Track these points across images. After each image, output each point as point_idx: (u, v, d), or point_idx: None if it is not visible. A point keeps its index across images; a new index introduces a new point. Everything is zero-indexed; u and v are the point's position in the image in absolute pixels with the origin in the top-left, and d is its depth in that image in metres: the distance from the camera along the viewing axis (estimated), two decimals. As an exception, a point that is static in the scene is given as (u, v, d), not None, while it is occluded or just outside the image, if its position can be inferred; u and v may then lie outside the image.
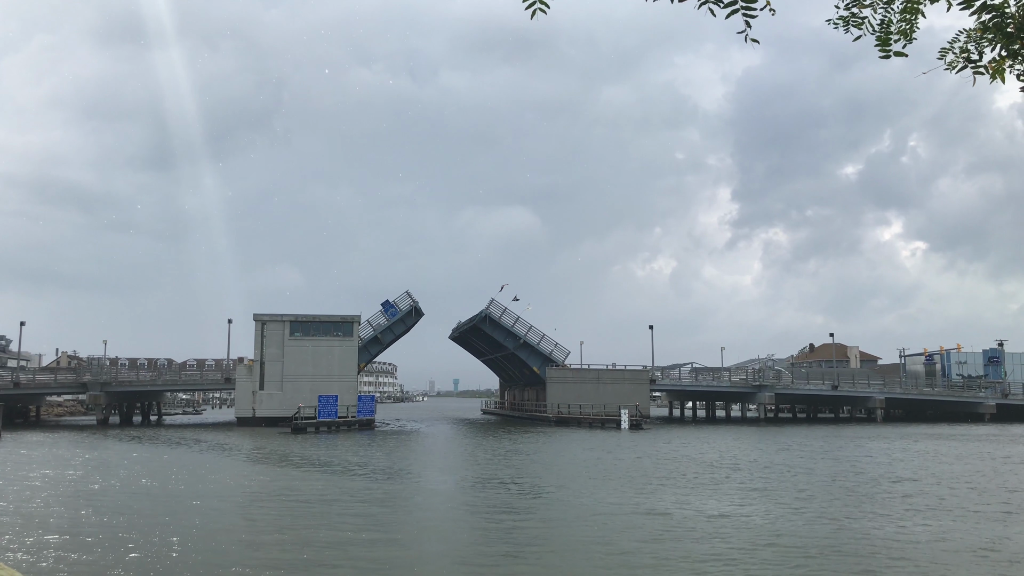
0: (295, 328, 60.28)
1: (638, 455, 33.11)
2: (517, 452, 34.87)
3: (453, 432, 54.58)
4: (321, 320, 60.81)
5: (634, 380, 66.41)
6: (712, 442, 42.63)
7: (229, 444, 40.65)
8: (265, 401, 58.66)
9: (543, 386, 67.64)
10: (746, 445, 40.23)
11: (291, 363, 59.28)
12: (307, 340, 60.05)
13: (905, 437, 47.29)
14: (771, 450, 36.69)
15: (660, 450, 36.40)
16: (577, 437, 46.49)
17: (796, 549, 13.58)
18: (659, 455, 33.36)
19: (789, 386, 72.90)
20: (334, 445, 39.34)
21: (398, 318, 64.63)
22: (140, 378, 69.09)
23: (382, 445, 39.48)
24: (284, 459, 31.73)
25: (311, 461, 30.51)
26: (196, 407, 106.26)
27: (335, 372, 59.49)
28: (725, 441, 43.49)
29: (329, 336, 60.52)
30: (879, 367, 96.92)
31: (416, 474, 25.72)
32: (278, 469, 27.70)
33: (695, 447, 38.54)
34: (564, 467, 28.11)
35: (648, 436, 48.01)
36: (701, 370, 76.49)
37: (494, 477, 24.58)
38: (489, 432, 53.84)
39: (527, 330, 68.22)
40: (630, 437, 46.91)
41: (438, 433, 52.93)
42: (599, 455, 33.17)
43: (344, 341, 60.53)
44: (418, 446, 40.31)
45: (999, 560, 12.91)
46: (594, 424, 58.96)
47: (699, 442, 42.53)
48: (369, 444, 39.55)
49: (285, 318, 60.22)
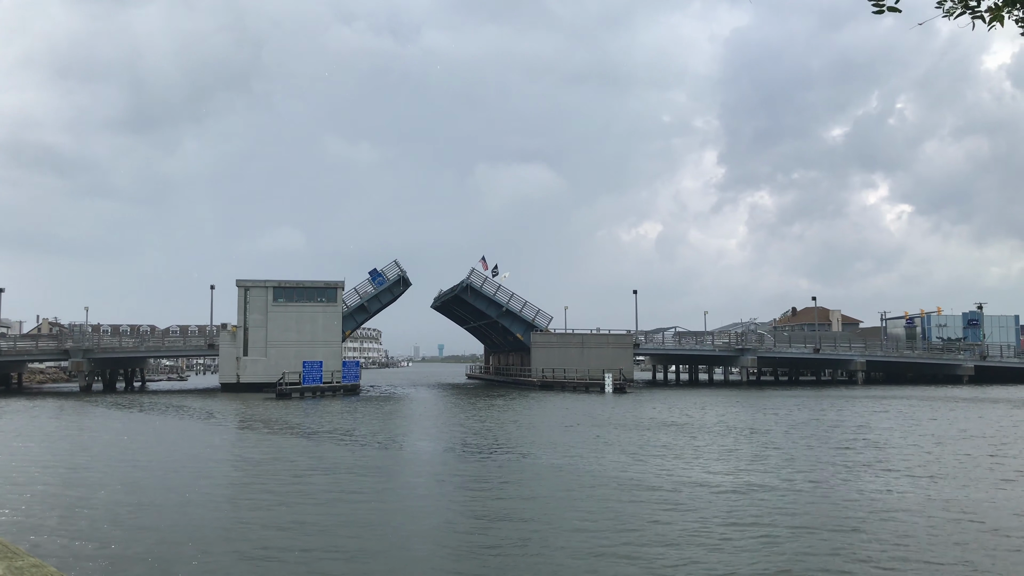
0: (278, 294, 60.09)
1: (621, 421, 33.17)
2: (501, 416, 34.93)
3: (437, 397, 54.60)
4: (305, 286, 60.64)
5: (618, 344, 66.89)
6: (695, 405, 42.84)
7: (213, 410, 40.46)
8: (249, 367, 58.57)
9: (527, 351, 67.93)
10: (728, 408, 40.47)
11: (275, 329, 59.17)
12: (291, 306, 59.94)
13: (884, 399, 47.83)
14: (753, 413, 36.94)
15: (642, 413, 36.49)
16: (561, 401, 46.66)
17: (781, 510, 13.56)
18: (641, 419, 33.46)
19: (772, 349, 73.56)
20: (319, 410, 39.34)
21: (385, 287, 64.58)
22: (123, 344, 68.38)
23: (366, 410, 39.49)
24: (268, 424, 31.67)
25: (296, 427, 30.42)
26: (180, 373, 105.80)
27: (319, 338, 59.52)
28: (709, 404, 43.73)
29: (313, 302, 60.44)
30: (861, 330, 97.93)
31: (400, 442, 25.65)
32: (263, 435, 27.55)
33: (679, 410, 38.72)
34: (549, 431, 28.15)
35: (631, 399, 48.21)
36: (684, 334, 76.93)
37: (481, 444, 24.49)
38: (473, 396, 53.97)
39: (509, 297, 68.32)
40: (614, 400, 47.12)
41: (423, 398, 52.98)
42: (581, 418, 33.31)
43: (328, 307, 60.50)
44: (404, 410, 40.30)
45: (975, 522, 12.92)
46: (578, 388, 59.37)
47: (683, 405, 42.73)
48: (353, 411, 39.47)
49: (268, 284, 59.82)
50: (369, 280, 64.67)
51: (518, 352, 74.64)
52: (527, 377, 66.84)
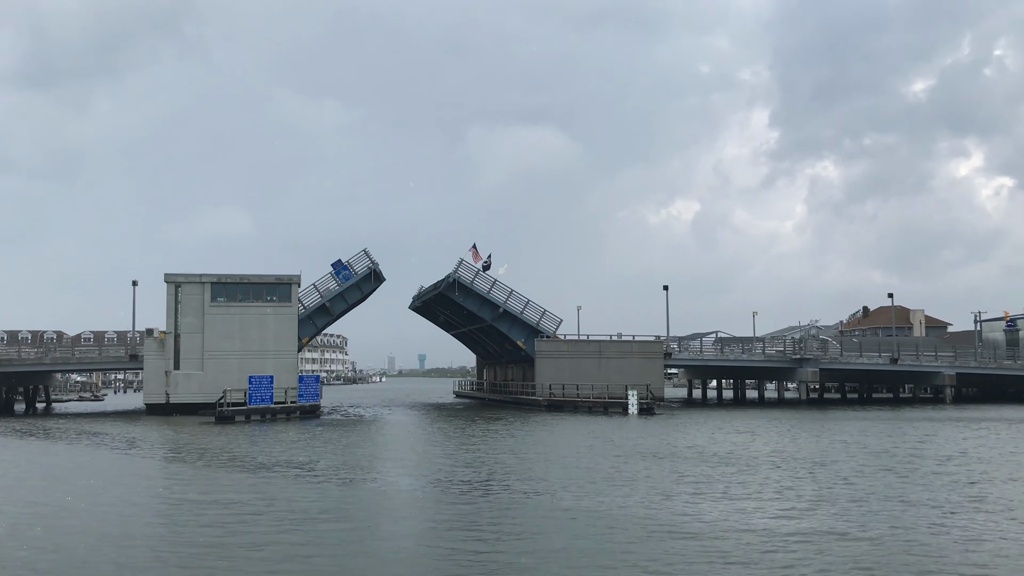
0: (218, 292, 59.95)
1: (649, 447, 33.19)
2: (498, 444, 34.95)
3: (418, 420, 54.69)
4: (252, 282, 60.56)
5: (644, 354, 67.18)
6: (742, 430, 42.91)
7: (135, 437, 40.55)
8: (181, 383, 58.66)
9: (530, 363, 68.13)
10: (784, 434, 40.49)
11: (214, 336, 59.22)
12: (234, 307, 59.96)
13: (980, 422, 47.74)
14: (816, 440, 36.94)
15: (676, 440, 36.60)
16: (573, 425, 46.78)
17: (854, 563, 13.46)
18: (675, 447, 33.51)
19: (837, 359, 73.67)
20: (269, 437, 39.45)
21: (352, 283, 64.50)
22: (22, 356, 68.30)
23: (328, 438, 39.57)
24: (203, 455, 31.69)
25: (240, 459, 30.44)
26: (95, 392, 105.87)
27: (270, 347, 59.55)
28: (759, 429, 43.77)
29: (262, 302, 60.39)
30: (949, 335, 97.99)
31: (371, 479, 25.69)
32: (198, 470, 27.56)
33: (720, 436, 38.78)
34: (558, 464, 28.15)
35: (661, 423, 48.38)
36: (728, 340, 77.14)
37: (473, 480, 24.47)
38: (463, 419, 54.05)
39: (507, 296, 68.36)
40: (639, 424, 47.29)
41: (400, 422, 53.07)
42: (598, 447, 33.34)
43: (280, 308, 60.53)
44: (376, 438, 40.29)
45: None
46: (595, 409, 59.70)
47: (725, 430, 42.81)
48: (312, 438, 39.54)
49: (205, 279, 59.82)
50: (332, 274, 64.47)
51: (519, 364, 74.70)
52: (530, 395, 66.96)
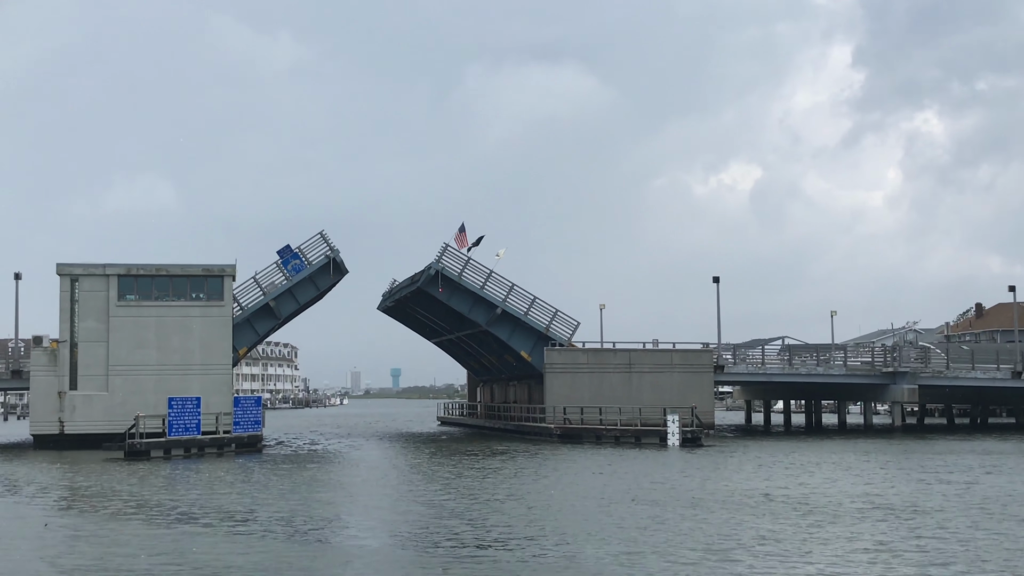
0: (128, 287, 59.88)
1: (697, 494, 33.09)
2: (497, 488, 34.82)
3: (392, 456, 54.72)
4: (172, 274, 60.54)
5: (688, 366, 67.37)
6: (818, 466, 42.58)
7: (17, 478, 40.48)
8: (80, 408, 58.50)
9: (538, 379, 68.09)
10: (874, 472, 40.05)
11: (122, 345, 59.06)
12: (149, 307, 59.89)
13: None
14: (916, 480, 36.52)
15: (732, 482, 36.29)
16: (595, 460, 46.72)
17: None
18: (730, 491, 33.32)
19: (943, 373, 73.72)
20: (195, 478, 39.03)
21: (305, 276, 64.51)
22: None
23: (273, 480, 39.37)
24: (107, 504, 31.41)
25: (156, 508, 30.21)
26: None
27: (196, 359, 59.52)
28: (841, 465, 43.42)
29: (185, 300, 60.35)
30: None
31: (329, 534, 25.86)
32: (99, 524, 27.21)
33: (790, 476, 38.50)
34: (577, 513, 28.13)
35: (711, 457, 48.06)
36: (799, 349, 77.11)
37: (466, 536, 24.54)
38: (451, 454, 53.95)
39: (507, 292, 68.30)
40: (682, 459, 47.13)
41: (368, 459, 53.04)
42: (629, 490, 33.08)
43: (210, 308, 60.46)
44: (336, 479, 40.16)
45: None
46: (623, 439, 59.74)
47: (797, 467, 42.55)
48: (251, 480, 39.42)
49: (110, 271, 59.72)
50: (279, 264, 64.39)
51: (523, 381, 74.95)
52: (538, 422, 67.06)
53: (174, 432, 52.36)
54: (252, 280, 64.41)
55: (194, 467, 45.09)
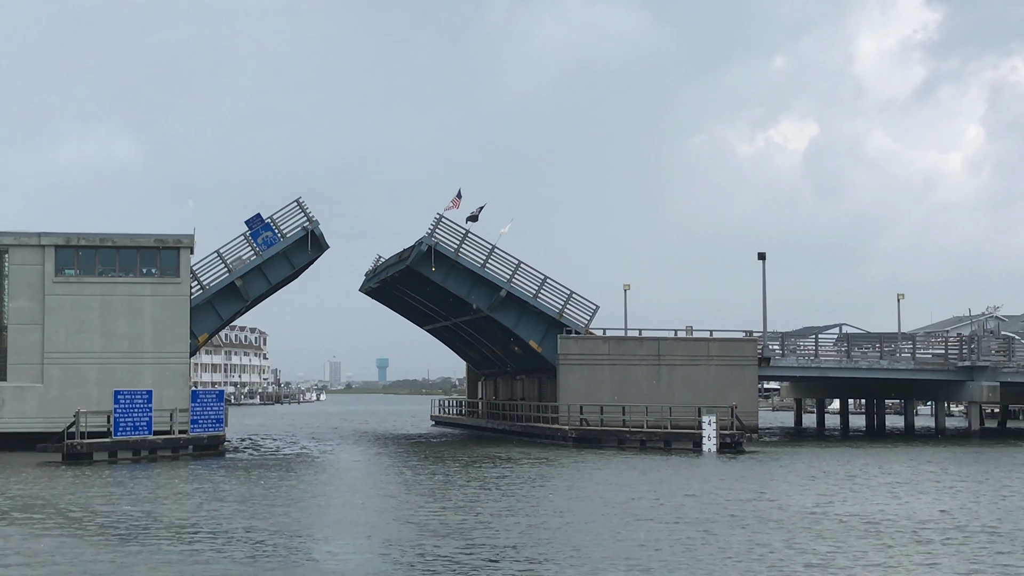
0: (67, 260, 57.39)
1: (738, 510, 31.20)
2: (499, 503, 33.10)
3: (377, 462, 53.55)
4: (118, 245, 57.88)
5: (729, 358, 65.58)
6: (883, 479, 41.09)
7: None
8: (9, 402, 56.18)
9: (550, 373, 66.30)
10: (949, 486, 38.63)
11: (60, 328, 56.71)
12: (92, 283, 57.31)
13: None
14: (999, 497, 34.86)
15: (780, 496, 34.71)
16: (617, 469, 45.73)
17: None
18: (781, 507, 31.78)
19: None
20: (145, 487, 38.66)
21: (278, 250, 61.87)
22: None
23: (236, 489, 38.09)
24: (40, 515, 30.09)
25: (99, 520, 28.90)
26: None
27: (147, 346, 57.07)
28: (910, 477, 42.12)
29: (135, 276, 57.74)
30: None
31: (302, 555, 23.93)
32: (30, 539, 25.51)
33: (848, 490, 36.99)
34: (597, 533, 26.31)
35: (754, 466, 47.14)
36: (859, 339, 74.76)
37: (464, 556, 22.65)
38: (447, 461, 52.30)
39: (512, 270, 65.65)
40: (720, 468, 46.08)
41: (349, 465, 51.63)
42: (660, 505, 31.89)
43: (163, 286, 57.91)
44: (311, 489, 38.96)
45: None
46: (649, 444, 57.42)
47: (857, 480, 40.94)
48: (212, 489, 38.02)
49: (46, 240, 57.12)
50: (247, 237, 61.81)
51: (532, 375, 73.60)
52: (550, 422, 65.18)
53: (121, 432, 50.71)
54: (215, 254, 61.53)
55: (144, 473, 44.58)
